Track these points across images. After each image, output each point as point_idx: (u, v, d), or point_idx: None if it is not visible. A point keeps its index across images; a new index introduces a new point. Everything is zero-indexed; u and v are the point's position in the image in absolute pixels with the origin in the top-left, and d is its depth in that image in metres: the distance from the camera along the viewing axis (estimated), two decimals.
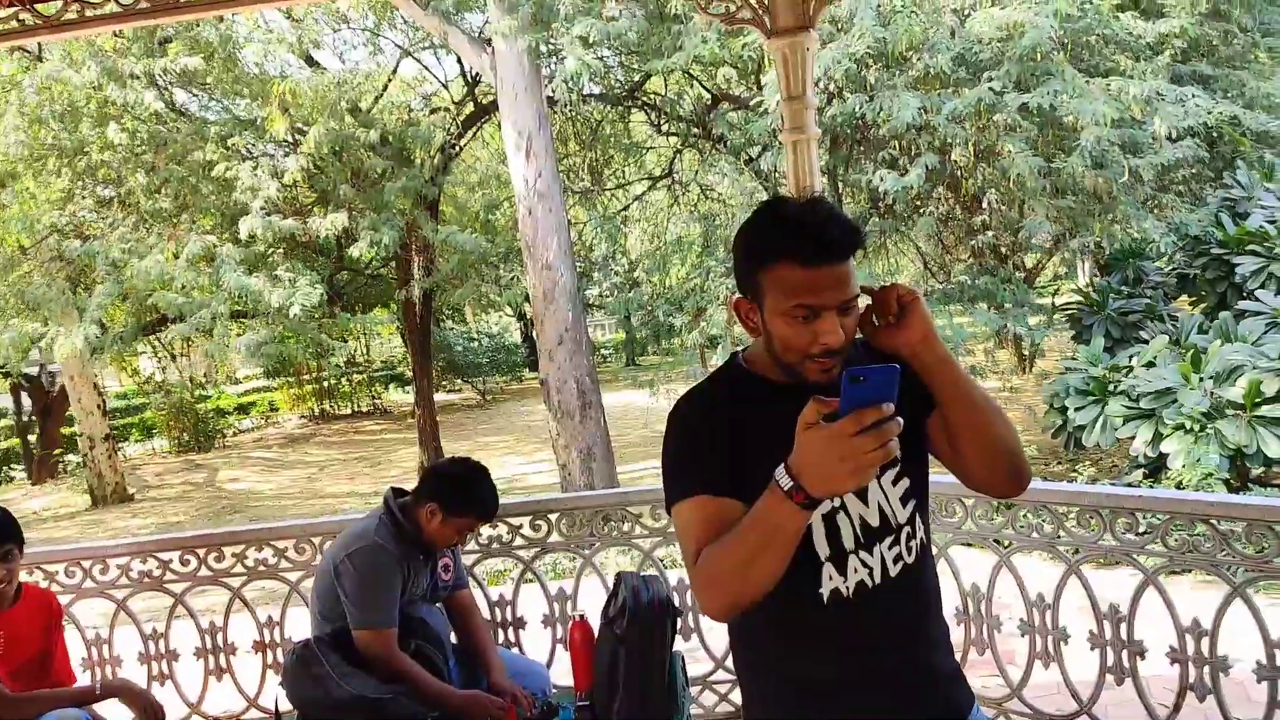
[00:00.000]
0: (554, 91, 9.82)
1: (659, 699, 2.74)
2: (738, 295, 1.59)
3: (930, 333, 1.50)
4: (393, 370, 27.18)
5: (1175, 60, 8.74)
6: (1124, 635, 2.86)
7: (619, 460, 10.05)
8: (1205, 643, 2.70)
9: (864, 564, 1.55)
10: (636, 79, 12.09)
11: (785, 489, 1.27)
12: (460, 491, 2.88)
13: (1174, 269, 9.70)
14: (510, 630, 3.48)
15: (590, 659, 2.89)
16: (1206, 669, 2.70)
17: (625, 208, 13.77)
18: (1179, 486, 6.16)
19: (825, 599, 1.54)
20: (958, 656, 2.30)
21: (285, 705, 2.73)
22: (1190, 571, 4.80)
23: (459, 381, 25.95)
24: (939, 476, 1.76)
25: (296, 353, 12.83)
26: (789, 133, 3.41)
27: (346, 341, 17.69)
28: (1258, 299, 7.48)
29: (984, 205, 8.59)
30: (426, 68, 14.74)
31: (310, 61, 13.08)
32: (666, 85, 12.70)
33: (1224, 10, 10.12)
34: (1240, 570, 2.64)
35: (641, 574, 3.12)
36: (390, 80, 13.99)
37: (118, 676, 3.42)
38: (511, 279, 12.36)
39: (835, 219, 1.47)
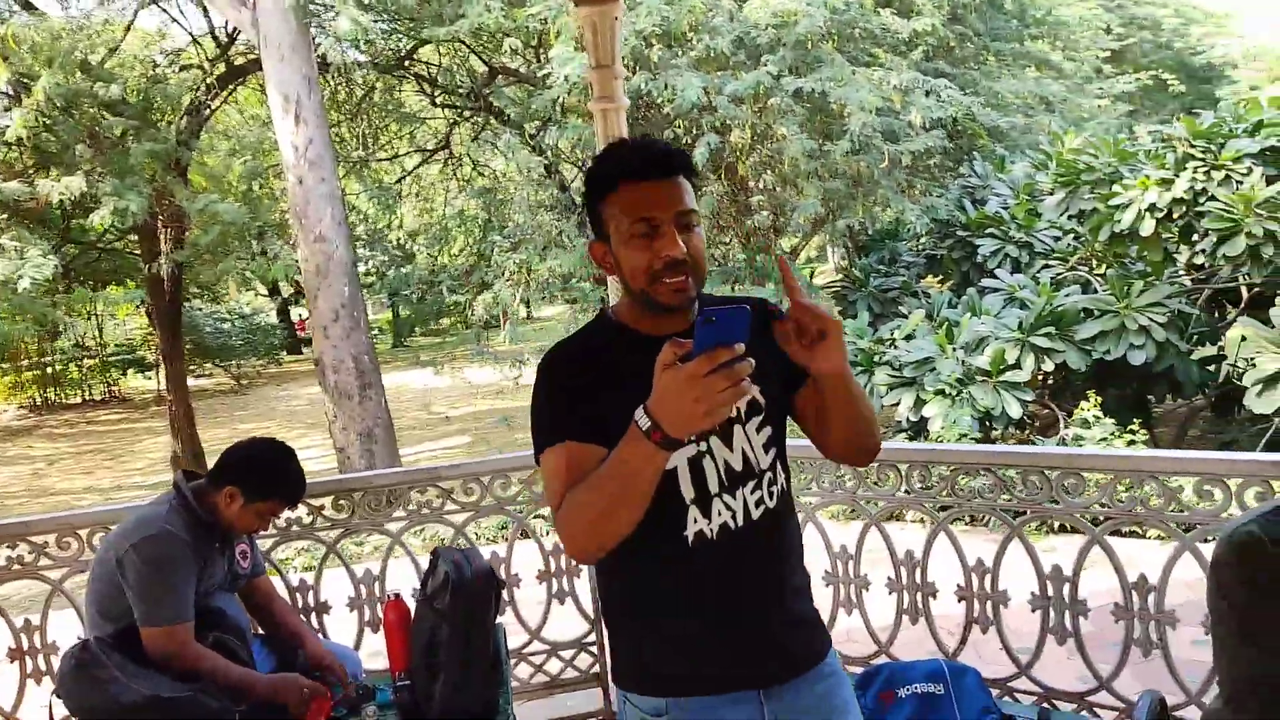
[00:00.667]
0: (324, 54, 9.26)
1: (483, 672, 2.65)
2: (593, 240, 1.61)
3: (844, 359, 1.50)
4: (131, 354, 24.75)
5: (922, 59, 9.51)
6: (919, 579, 3.05)
7: (402, 444, 9.70)
8: (988, 580, 2.92)
9: (727, 507, 1.57)
10: (409, 46, 11.63)
11: (644, 429, 1.29)
12: (264, 474, 2.65)
13: (924, 250, 10.59)
14: (314, 616, 3.24)
15: (406, 638, 2.75)
16: (989, 603, 2.92)
17: (400, 180, 13.21)
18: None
19: (690, 540, 1.56)
20: None
21: (62, 712, 2.39)
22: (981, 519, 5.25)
23: (209, 365, 24.06)
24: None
25: (20, 333, 11.36)
26: (597, 101, 3.39)
27: (77, 320, 15.86)
28: (996, 276, 8.30)
29: (759, 186, 8.97)
30: (175, 19, 13.45)
31: (28, 6, 11.58)
32: (440, 55, 12.32)
33: (960, 15, 11.14)
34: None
35: (459, 547, 3.02)
36: (128, 31, 12.63)
37: None
38: (276, 253, 11.54)
39: (658, 142, 1.56)
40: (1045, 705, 2.76)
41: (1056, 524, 5.53)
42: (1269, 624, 1.65)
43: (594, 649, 3.54)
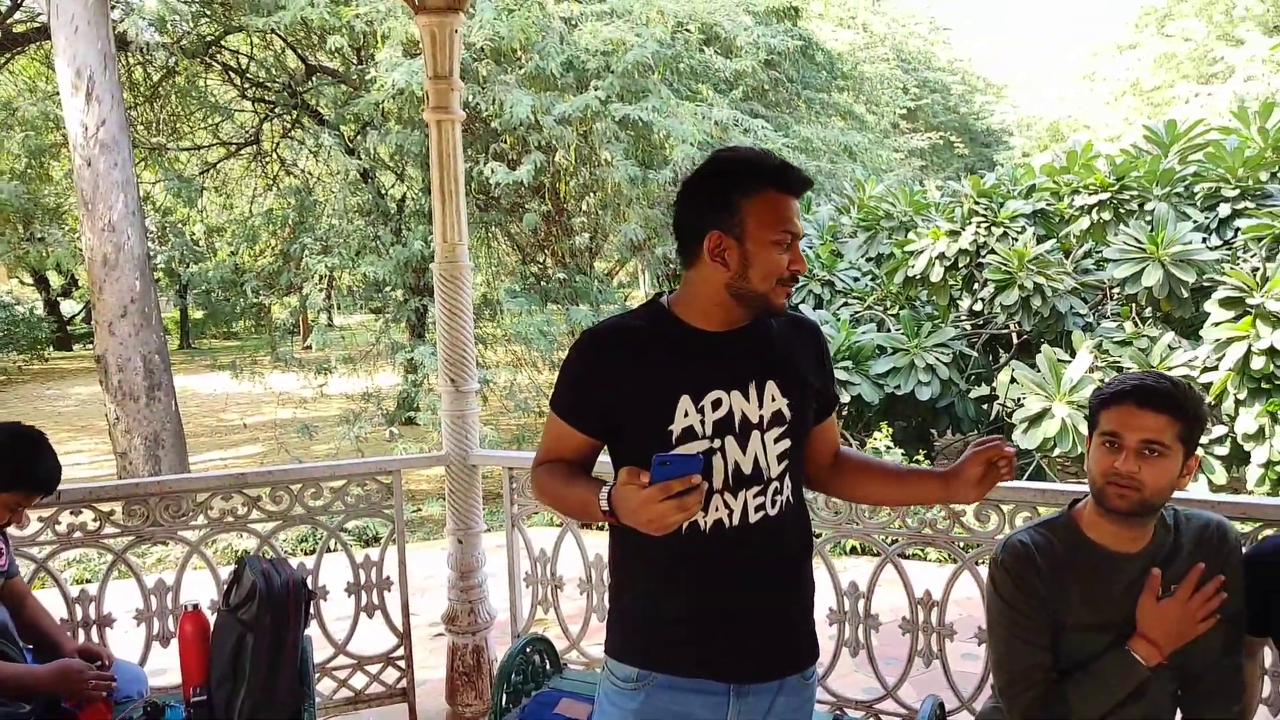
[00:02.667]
0: (124, 31, 8.62)
1: (290, 684, 2.54)
2: (710, 230, 1.60)
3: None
4: None
5: (740, 99, 9.97)
6: None
7: (191, 451, 9.07)
8: (861, 604, 2.96)
9: (725, 505, 1.63)
10: (218, 32, 10.99)
11: (603, 509, 1.52)
12: (8, 462, 2.42)
13: None
14: (94, 630, 2.99)
15: (204, 652, 2.60)
16: (861, 627, 2.96)
17: (203, 172, 12.41)
18: None
19: (683, 528, 1.59)
20: None
21: None
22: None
23: None
24: None
25: None
26: (433, 112, 3.37)
27: None
28: (800, 311, 8.73)
29: (581, 208, 9.08)
30: None
31: None
32: (252, 46, 11.72)
33: (775, 61, 11.75)
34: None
35: (267, 557, 2.88)
36: None
37: None
38: (55, 239, 10.57)
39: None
40: (838, 713, 2.93)
41: (850, 546, 5.89)
42: (1035, 622, 1.87)
43: (401, 663, 3.45)
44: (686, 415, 1.60)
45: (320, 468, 3.38)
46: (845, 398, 7.44)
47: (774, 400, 1.64)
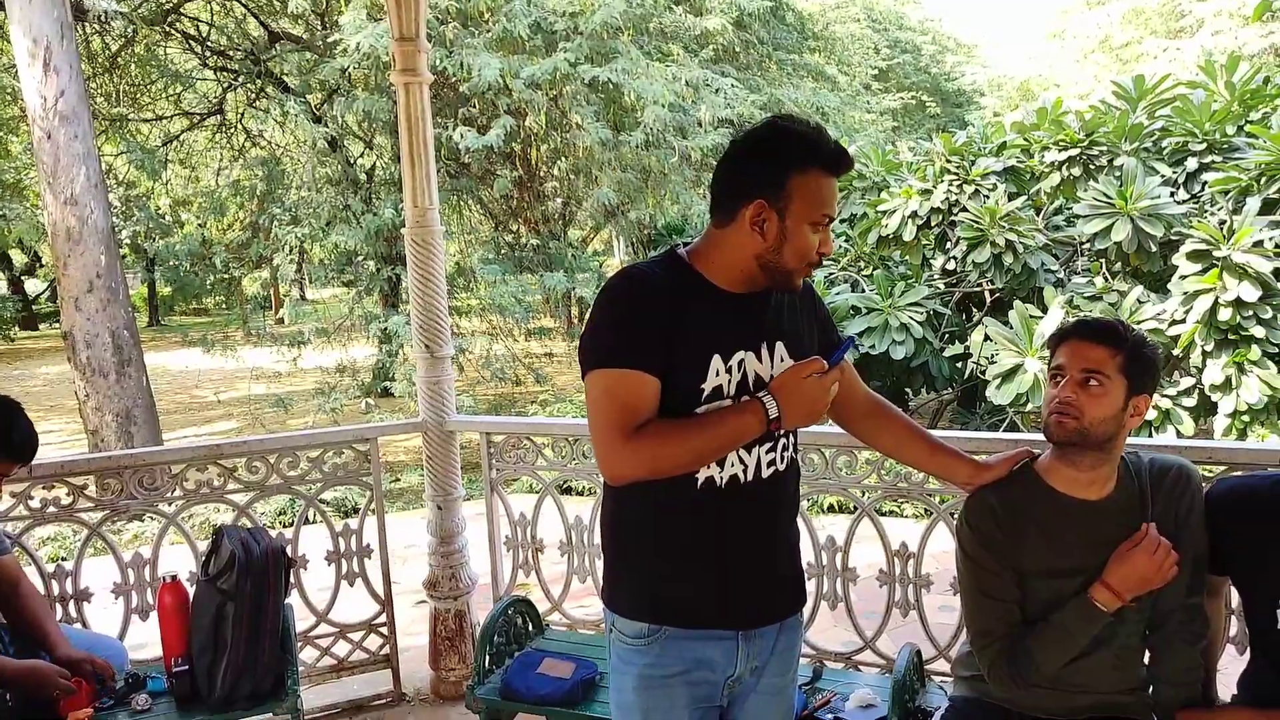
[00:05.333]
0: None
1: (272, 651, 2.55)
2: (756, 198, 1.58)
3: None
4: None
5: (711, 60, 9.89)
6: None
7: (163, 429, 8.98)
8: (839, 557, 2.97)
9: (741, 461, 1.65)
10: (176, 0, 10.74)
11: (771, 416, 1.56)
12: None
13: None
14: (72, 604, 2.97)
15: (185, 622, 2.60)
16: (839, 580, 2.98)
17: (166, 144, 12.17)
18: None
19: (699, 484, 1.63)
20: None
21: None
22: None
23: None
24: None
25: None
26: (400, 75, 3.32)
27: None
28: None
29: (553, 174, 9.01)
30: None
31: None
32: (213, 13, 11.48)
33: (746, 22, 11.66)
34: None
35: (246, 527, 2.87)
36: None
37: None
38: (16, 215, 10.35)
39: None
40: (818, 665, 2.97)
41: (828, 504, 5.95)
42: (999, 578, 1.92)
43: (384, 630, 3.46)
44: (717, 374, 1.60)
45: (297, 436, 3.35)
46: None
47: (783, 361, 1.67)
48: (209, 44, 11.45)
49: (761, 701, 1.80)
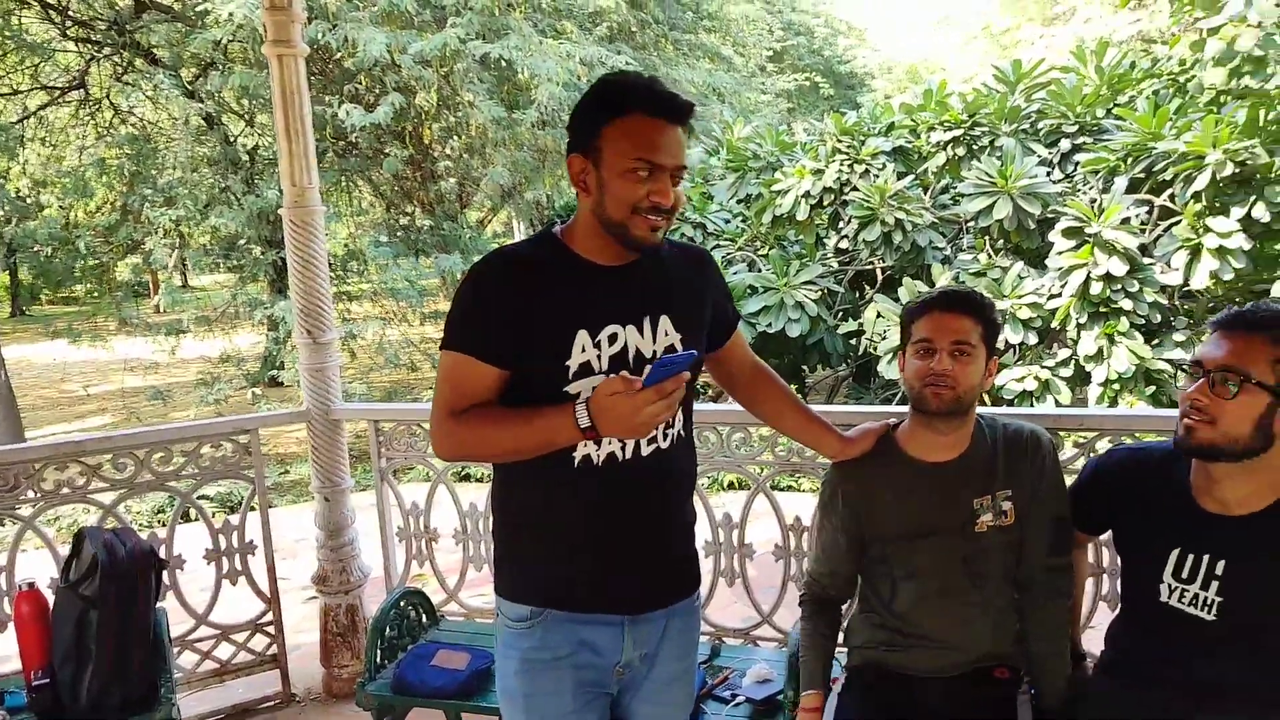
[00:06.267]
0: None
1: (142, 658, 2.40)
2: (572, 154, 1.56)
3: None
4: None
5: (606, 38, 9.79)
6: None
7: (27, 426, 8.46)
8: (735, 534, 2.96)
9: (619, 439, 1.59)
10: None
11: (581, 426, 1.46)
12: None
13: None
14: None
15: (44, 632, 2.42)
16: (736, 556, 2.97)
17: (21, 120, 11.37)
18: None
19: (575, 462, 1.59)
20: None
21: None
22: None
23: None
24: None
25: None
26: (272, 46, 3.15)
27: None
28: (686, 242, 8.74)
29: (445, 153, 8.78)
30: None
31: None
32: None
33: (641, 1, 11.59)
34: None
35: (109, 527, 2.69)
36: None
37: None
38: None
39: (674, 90, 1.55)
40: (717, 642, 2.97)
41: (727, 481, 5.99)
42: (836, 535, 2.09)
43: (270, 629, 3.31)
44: (584, 350, 1.56)
45: (168, 429, 3.16)
46: None
47: (666, 335, 1.63)
48: (70, 14, 10.73)
49: (658, 690, 1.76)
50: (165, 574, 2.74)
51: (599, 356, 1.56)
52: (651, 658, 1.73)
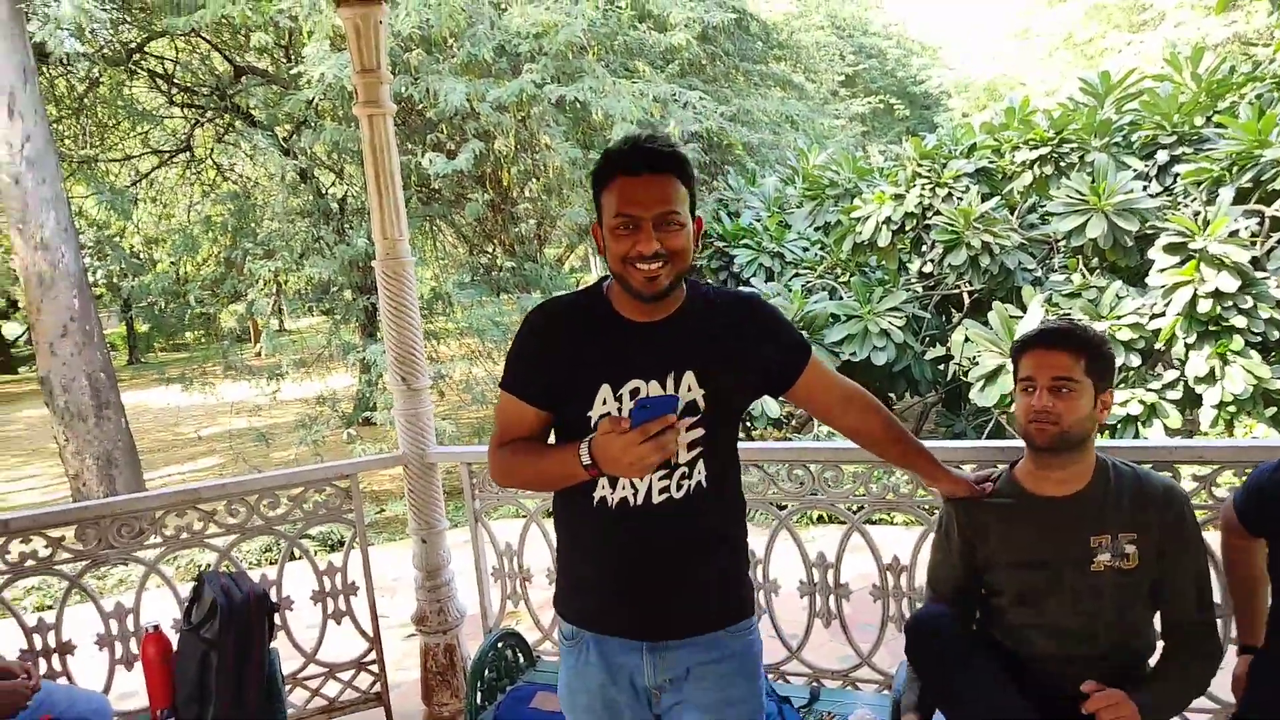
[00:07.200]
0: (43, 41, 8.34)
1: (258, 699, 2.50)
2: (594, 222, 1.76)
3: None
4: None
5: (678, 74, 9.90)
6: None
7: (145, 468, 8.88)
8: (759, 569, 2.99)
9: (631, 485, 1.72)
10: (141, 38, 10.68)
11: (584, 464, 1.59)
12: None
13: None
14: (55, 658, 2.90)
15: (169, 673, 2.55)
16: (761, 592, 2.98)
17: (135, 182, 12.07)
18: None
19: (594, 503, 1.74)
20: None
21: None
22: (750, 514, 5.44)
23: None
24: None
25: None
26: (363, 107, 3.29)
27: None
28: (752, 285, 8.76)
29: (524, 195, 8.98)
30: None
31: None
32: (178, 50, 11.41)
33: (711, 35, 11.68)
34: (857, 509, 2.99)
35: (226, 572, 2.82)
36: None
37: None
38: None
39: (655, 139, 1.68)
40: (816, 684, 2.94)
41: (817, 515, 5.92)
42: (943, 566, 2.15)
43: (373, 668, 3.41)
44: (605, 403, 1.68)
45: (276, 476, 3.30)
46: None
47: (689, 391, 1.70)
48: (175, 81, 11.38)
49: (695, 718, 1.79)
50: (275, 617, 2.83)
51: (619, 410, 1.67)
52: (680, 685, 1.78)
